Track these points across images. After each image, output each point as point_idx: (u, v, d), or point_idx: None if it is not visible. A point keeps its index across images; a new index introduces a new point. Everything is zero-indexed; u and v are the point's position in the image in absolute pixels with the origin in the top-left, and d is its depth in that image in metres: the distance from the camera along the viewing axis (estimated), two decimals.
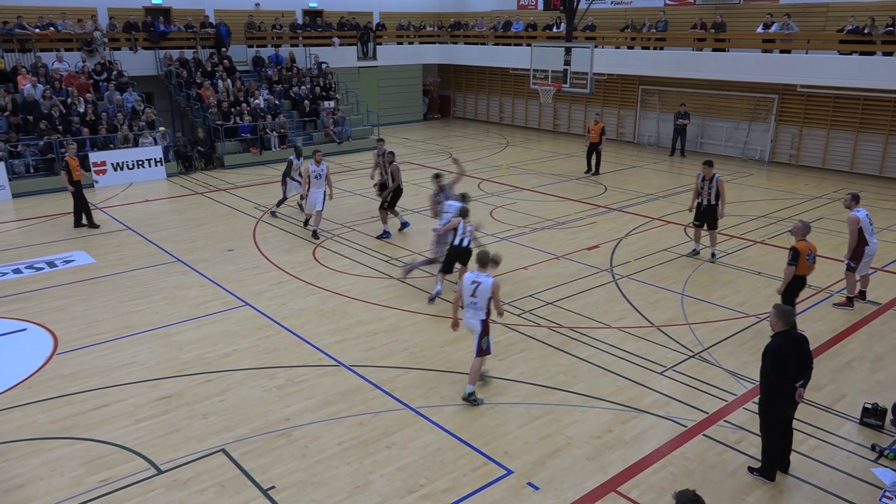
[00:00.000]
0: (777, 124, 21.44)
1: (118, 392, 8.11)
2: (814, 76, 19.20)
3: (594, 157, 19.64)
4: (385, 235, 13.84)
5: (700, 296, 10.89)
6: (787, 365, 6.17)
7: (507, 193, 17.35)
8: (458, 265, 10.63)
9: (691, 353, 9.01)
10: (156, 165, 19.22)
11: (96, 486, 6.44)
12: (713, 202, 12.13)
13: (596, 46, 19.65)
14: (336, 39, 27.01)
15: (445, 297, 10.78)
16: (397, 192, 13.89)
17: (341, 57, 27.00)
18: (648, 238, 13.73)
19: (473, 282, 7.79)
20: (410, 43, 29.85)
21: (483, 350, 7.83)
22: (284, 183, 15.26)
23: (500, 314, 7.97)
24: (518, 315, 10.18)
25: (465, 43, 29.76)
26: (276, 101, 22.99)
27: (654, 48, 23.04)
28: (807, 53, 19.66)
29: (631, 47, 23.78)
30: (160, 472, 6.65)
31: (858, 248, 10.23)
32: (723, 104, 22.61)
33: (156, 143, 19.46)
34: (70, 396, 8.01)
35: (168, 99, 23.26)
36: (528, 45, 22.74)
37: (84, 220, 14.71)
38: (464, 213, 10.51)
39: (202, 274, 11.89)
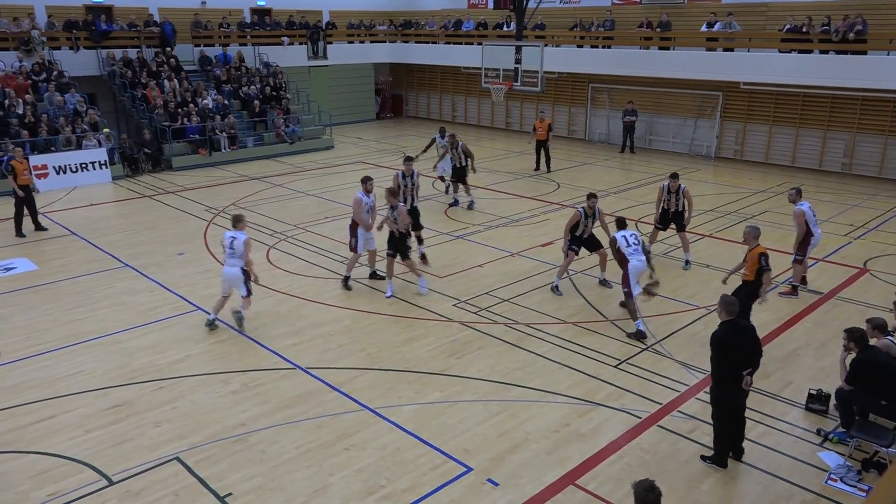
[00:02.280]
0: (722, 121, 22.01)
1: (65, 403, 7.84)
2: (756, 74, 19.78)
3: (543, 154, 19.87)
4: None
5: None
6: (732, 352, 6.36)
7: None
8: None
9: (644, 346, 9.18)
10: (100, 168, 18.68)
11: (44, 501, 6.22)
12: (681, 209, 12.11)
13: (545, 45, 19.83)
14: (285, 38, 26.67)
15: (401, 297, 10.76)
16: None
17: (291, 56, 26.67)
18: (600, 234, 13.92)
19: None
20: (361, 42, 29.68)
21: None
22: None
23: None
24: (474, 313, 10.22)
25: (417, 42, 29.72)
26: (225, 102, 22.58)
27: (603, 47, 23.41)
28: (749, 52, 20.25)
29: (580, 46, 24.11)
30: (112, 483, 6.46)
31: (805, 240, 10.61)
32: (670, 101, 23.10)
33: (100, 145, 18.90)
34: (12, 409, 7.72)
35: (112, 100, 22.61)
36: (479, 43, 22.82)
37: (32, 225, 14.25)
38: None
39: (151, 279, 11.60)
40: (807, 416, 7.62)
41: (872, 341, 7.11)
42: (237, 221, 9.58)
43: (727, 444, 6.71)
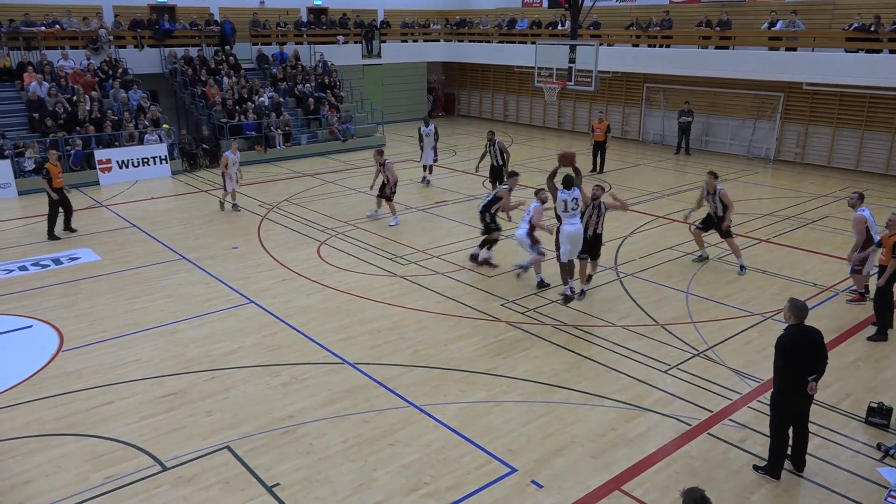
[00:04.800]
0: (782, 122, 21.35)
1: (123, 389, 8.13)
2: (819, 74, 19.11)
3: (599, 155, 19.64)
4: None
5: (704, 294, 10.86)
6: (798, 357, 6.18)
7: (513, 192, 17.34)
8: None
9: (696, 352, 8.99)
10: (160, 163, 19.26)
11: (101, 483, 6.46)
12: (721, 214, 11.70)
13: (601, 44, 19.58)
14: (340, 37, 27.02)
15: (449, 296, 10.80)
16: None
17: (346, 55, 27.00)
18: (653, 236, 13.71)
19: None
20: (415, 41, 29.84)
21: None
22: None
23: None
24: (522, 313, 10.17)
25: (470, 41, 29.72)
26: (281, 99, 23.00)
27: (659, 46, 22.98)
28: (812, 51, 19.59)
29: (636, 45, 23.71)
30: (165, 468, 6.67)
31: (865, 248, 10.20)
32: (728, 102, 22.53)
33: (161, 140, 19.50)
34: (75, 394, 8.04)
35: (173, 97, 23.29)
36: (533, 42, 22.70)
37: (63, 229, 14.02)
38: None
39: (206, 271, 11.92)
40: (866, 430, 7.34)
41: None
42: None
43: (783, 455, 6.51)
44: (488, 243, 12.05)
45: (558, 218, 10.32)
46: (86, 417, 7.55)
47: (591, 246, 10.69)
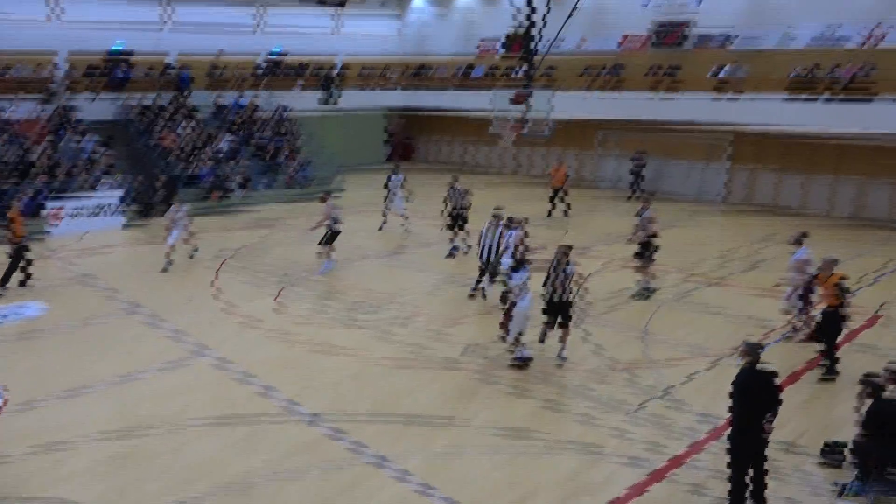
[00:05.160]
0: (731, 166, 22.11)
1: (72, 449, 7.81)
2: (763, 119, 19.93)
3: (562, 200, 19.88)
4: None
5: (662, 335, 11.03)
6: (752, 398, 6.29)
7: (468, 238, 17.50)
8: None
9: (655, 394, 9.08)
10: (114, 213, 18.92)
11: None
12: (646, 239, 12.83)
13: (555, 91, 20.13)
14: (299, 84, 27.20)
15: (411, 343, 10.73)
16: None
17: (304, 102, 27.17)
18: (610, 279, 13.91)
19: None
20: (373, 89, 30.23)
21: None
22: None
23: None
24: (483, 358, 10.16)
25: (428, 89, 30.22)
26: (238, 147, 22.94)
27: (611, 93, 23.70)
28: (756, 98, 20.44)
29: (589, 92, 24.43)
30: None
31: (807, 290, 10.51)
32: (679, 147, 23.25)
33: (114, 189, 19.18)
34: (20, 454, 7.69)
35: (128, 145, 23.03)
36: (489, 90, 23.19)
37: (20, 286, 13.32)
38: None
39: (161, 324, 11.64)
40: (822, 468, 7.47)
41: (889, 389, 7.00)
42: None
43: (743, 494, 6.57)
44: (493, 276, 12.60)
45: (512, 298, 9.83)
46: (32, 480, 7.21)
47: (562, 316, 9.93)
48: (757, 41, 21.58)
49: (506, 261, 11.51)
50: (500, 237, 12.28)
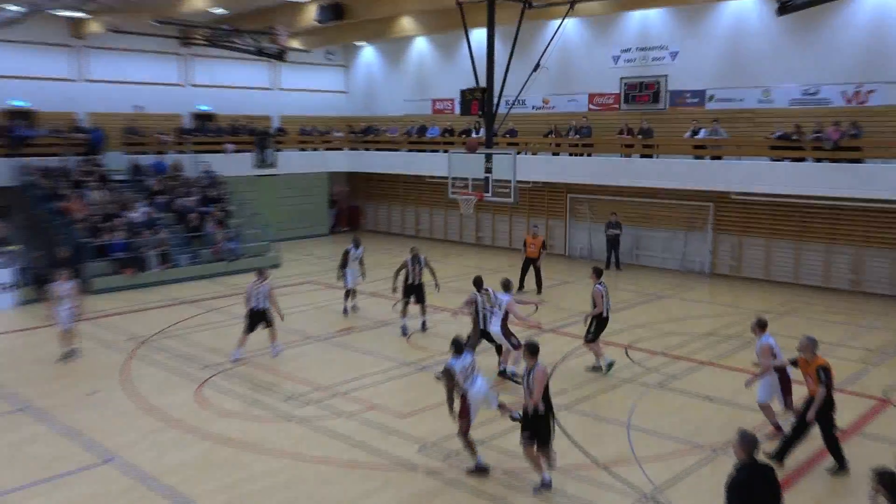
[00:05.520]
0: (715, 234, 22.70)
1: None
2: (747, 183, 20.64)
3: (534, 273, 19.98)
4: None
5: (647, 426, 10.93)
6: (753, 500, 6.16)
7: (426, 315, 17.39)
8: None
9: (642, 496, 8.90)
10: (5, 291, 18.31)
11: None
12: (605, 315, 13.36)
13: (518, 153, 20.57)
14: (229, 146, 27.26)
15: (357, 441, 10.40)
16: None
17: (235, 165, 27.22)
18: (587, 362, 13.86)
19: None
20: (315, 149, 30.50)
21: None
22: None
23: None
24: (443, 459, 9.88)
25: (376, 149, 30.65)
26: (157, 215, 22.67)
27: (580, 154, 24.34)
28: (738, 160, 21.20)
29: (556, 153, 25.04)
30: None
31: (783, 379, 10.57)
32: (657, 213, 23.84)
33: (7, 265, 18.61)
34: None
35: (27, 213, 22.53)
36: (446, 151, 23.57)
37: None
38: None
39: (57, 424, 11.08)
40: None
41: None
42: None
43: None
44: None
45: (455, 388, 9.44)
46: None
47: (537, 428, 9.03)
48: (734, 102, 22.60)
49: (496, 326, 12.67)
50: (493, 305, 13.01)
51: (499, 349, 13.24)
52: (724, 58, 22.70)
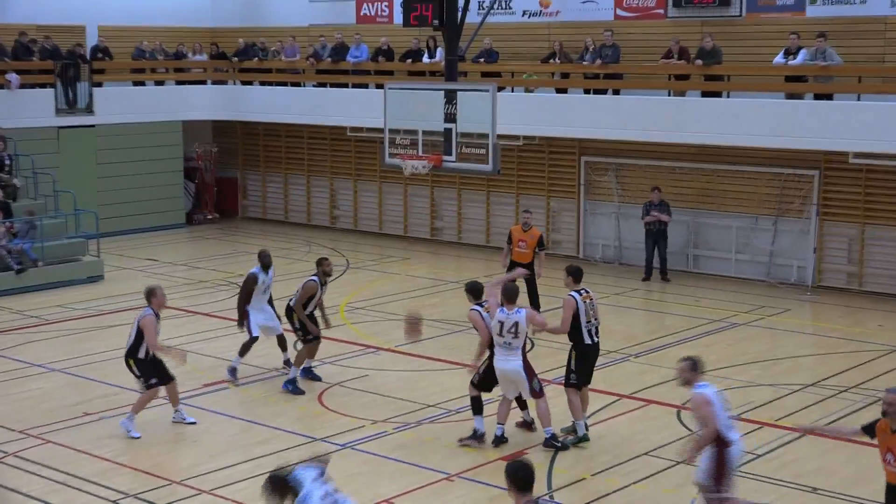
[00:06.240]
0: (821, 221, 22.91)
1: None
2: (875, 138, 20.72)
3: (528, 286, 19.60)
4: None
5: None
6: None
7: (350, 358, 17.30)
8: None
9: None
10: None
11: None
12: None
13: (500, 89, 20.46)
14: (13, 76, 26.80)
15: None
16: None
17: (26, 108, 26.90)
18: (618, 433, 13.88)
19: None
20: (160, 83, 30.09)
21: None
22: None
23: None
24: None
25: (264, 82, 30.37)
26: None
27: (603, 92, 24.34)
28: (861, 100, 21.40)
29: (562, 90, 25.03)
30: None
31: (719, 452, 10.39)
32: (727, 188, 23.97)
33: None
34: None
35: None
36: (380, 86, 23.37)
37: None
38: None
39: None
40: None
41: None
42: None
43: None
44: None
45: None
46: None
47: None
48: (853, 5, 22.65)
49: (516, 360, 12.78)
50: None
51: (520, 404, 13.61)
52: None
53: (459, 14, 19.02)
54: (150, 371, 13.81)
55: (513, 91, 25.13)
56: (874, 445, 9.29)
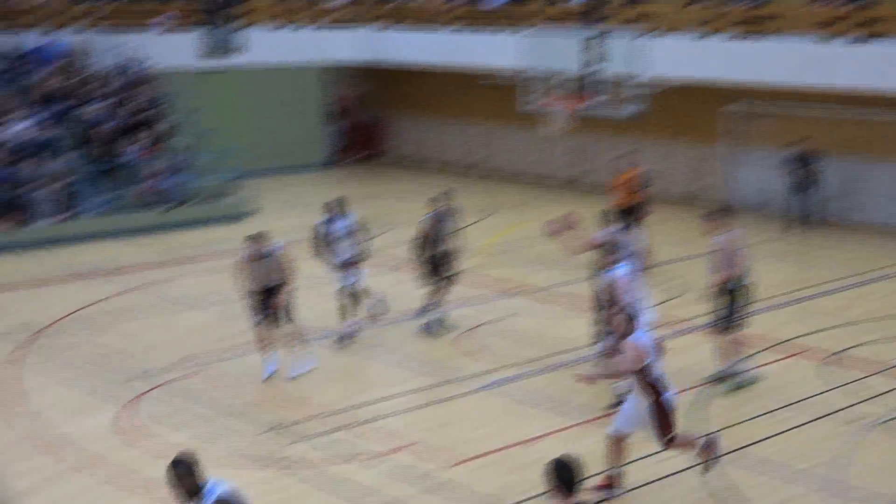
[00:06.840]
0: None
1: None
2: None
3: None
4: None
5: (863, 488, 10.86)
6: None
7: (487, 301, 17.59)
8: None
9: None
10: None
11: None
12: None
13: (644, 33, 20.32)
14: (163, 18, 27.39)
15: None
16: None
17: (173, 50, 27.54)
18: (768, 381, 13.87)
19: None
20: (303, 27, 30.60)
21: None
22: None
23: None
24: None
25: (407, 28, 30.66)
26: (49, 132, 22.99)
27: (752, 36, 24.02)
28: None
29: (705, 34, 24.74)
30: None
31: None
32: (887, 137, 23.41)
33: None
34: None
35: None
36: (519, 29, 23.38)
37: None
38: None
39: None
40: None
41: None
42: None
43: None
44: None
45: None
46: None
47: None
48: None
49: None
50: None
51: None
52: None
53: None
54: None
55: (657, 35, 24.87)
56: None
